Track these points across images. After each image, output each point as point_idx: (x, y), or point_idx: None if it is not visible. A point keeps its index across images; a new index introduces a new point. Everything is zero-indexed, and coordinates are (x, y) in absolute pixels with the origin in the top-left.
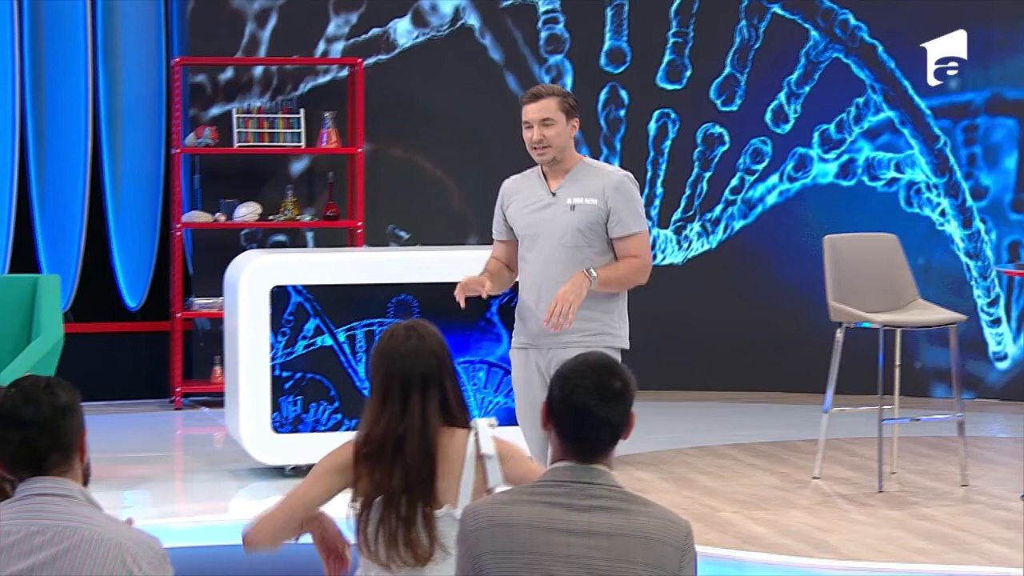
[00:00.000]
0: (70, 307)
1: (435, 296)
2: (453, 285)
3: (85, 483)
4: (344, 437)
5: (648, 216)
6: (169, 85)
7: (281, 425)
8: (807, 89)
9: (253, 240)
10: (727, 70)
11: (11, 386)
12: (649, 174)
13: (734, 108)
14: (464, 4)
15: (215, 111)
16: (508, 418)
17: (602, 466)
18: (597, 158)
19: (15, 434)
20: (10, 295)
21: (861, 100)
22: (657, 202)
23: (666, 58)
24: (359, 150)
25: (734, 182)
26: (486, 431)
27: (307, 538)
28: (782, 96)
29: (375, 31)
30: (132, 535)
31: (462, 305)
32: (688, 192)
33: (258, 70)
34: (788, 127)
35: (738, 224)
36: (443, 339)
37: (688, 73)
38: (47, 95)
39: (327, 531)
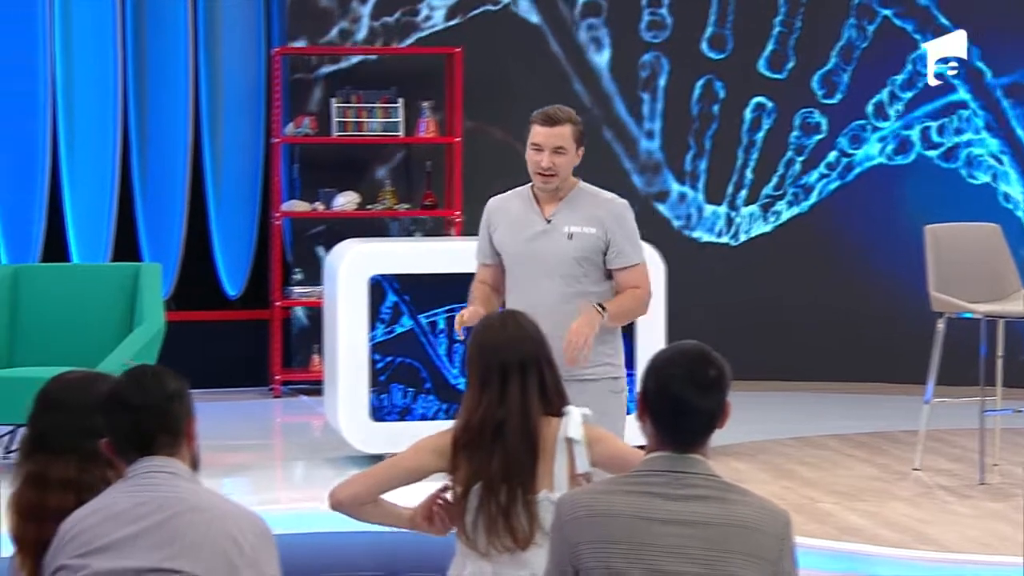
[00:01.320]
0: (171, 295)
1: None
2: None
3: (194, 469)
4: (440, 426)
5: (733, 205)
6: (269, 74)
7: (388, 413)
8: (909, 95)
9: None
10: (831, 63)
11: (123, 374)
12: (740, 161)
13: (834, 101)
14: None
15: (315, 101)
16: None
17: (698, 455)
18: (687, 144)
19: (126, 418)
20: (112, 283)
21: (965, 113)
22: (744, 192)
23: (769, 47)
24: (457, 139)
25: (830, 158)
26: (576, 417)
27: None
28: (884, 94)
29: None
30: (237, 509)
31: (460, 337)
32: (780, 171)
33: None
34: (888, 123)
35: (833, 185)
36: (538, 327)
37: (791, 64)
38: (149, 85)
39: (422, 507)
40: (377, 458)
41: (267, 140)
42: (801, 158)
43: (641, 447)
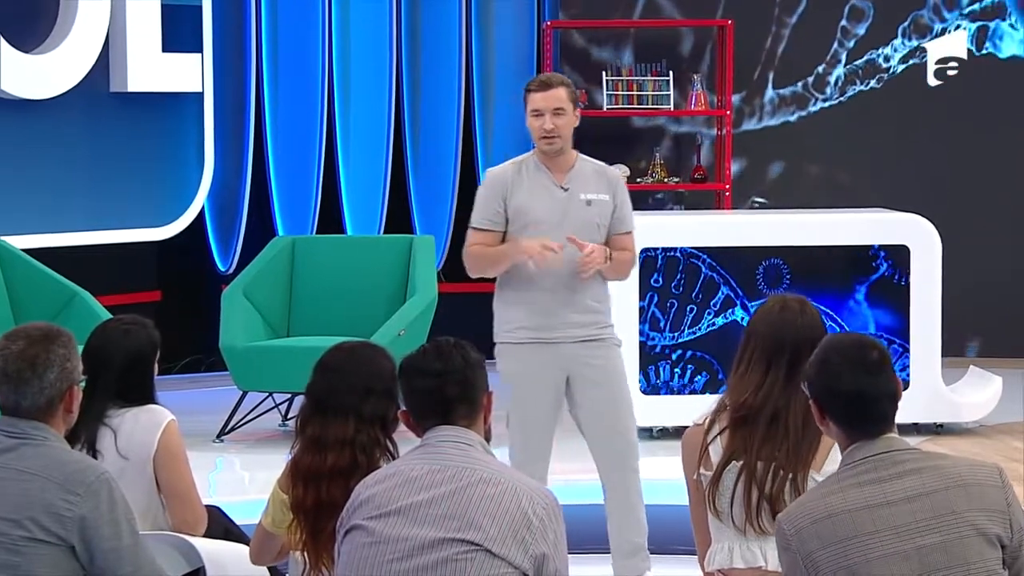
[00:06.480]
0: (442, 267)
1: (805, 259)
2: (826, 249)
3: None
4: (711, 400)
5: None
6: (540, 48)
7: (659, 388)
8: None
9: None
10: None
11: (425, 344)
12: None
13: None
14: None
15: (585, 75)
16: None
17: (891, 434)
18: None
19: (427, 383)
20: (387, 255)
21: None
22: None
23: None
24: (727, 112)
25: None
26: None
27: None
28: None
29: None
30: (528, 482)
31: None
32: None
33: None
34: None
35: None
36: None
37: None
38: (422, 60)
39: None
40: (645, 431)
41: None
42: None
43: None
